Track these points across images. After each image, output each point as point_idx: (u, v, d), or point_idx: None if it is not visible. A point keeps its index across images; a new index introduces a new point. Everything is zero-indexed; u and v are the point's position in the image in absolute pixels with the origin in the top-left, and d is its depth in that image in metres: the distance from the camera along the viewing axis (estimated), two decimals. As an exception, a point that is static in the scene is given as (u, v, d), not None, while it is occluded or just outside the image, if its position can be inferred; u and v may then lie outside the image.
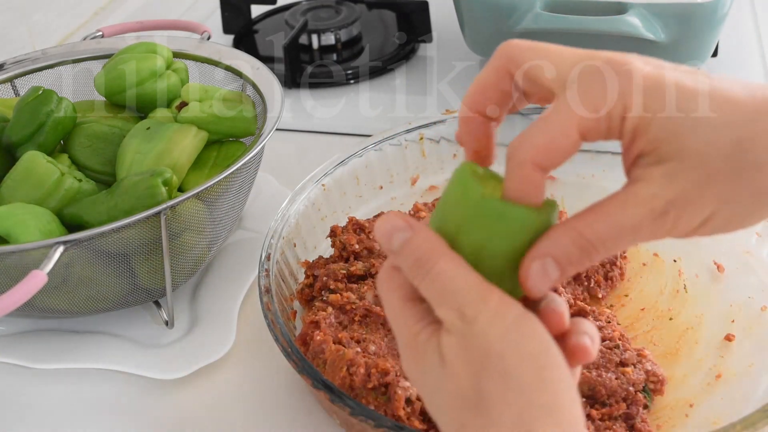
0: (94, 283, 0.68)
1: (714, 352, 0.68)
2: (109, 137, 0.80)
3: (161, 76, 0.82)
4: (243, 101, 0.80)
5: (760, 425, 0.56)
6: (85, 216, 0.70)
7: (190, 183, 0.76)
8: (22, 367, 0.73)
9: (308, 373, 0.61)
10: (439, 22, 1.16)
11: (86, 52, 0.89)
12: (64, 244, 0.62)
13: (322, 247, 0.79)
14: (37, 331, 0.75)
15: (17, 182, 0.73)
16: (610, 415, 0.60)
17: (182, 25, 0.94)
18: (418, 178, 0.87)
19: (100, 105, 0.85)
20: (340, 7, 1.18)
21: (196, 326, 0.74)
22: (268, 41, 1.18)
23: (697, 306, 0.72)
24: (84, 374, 0.72)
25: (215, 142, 0.80)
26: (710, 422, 0.62)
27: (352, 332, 0.67)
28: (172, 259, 0.69)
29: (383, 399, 0.60)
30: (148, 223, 0.66)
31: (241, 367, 0.72)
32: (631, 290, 0.75)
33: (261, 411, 0.68)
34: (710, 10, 0.85)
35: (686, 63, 0.89)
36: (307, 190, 0.79)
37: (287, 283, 0.73)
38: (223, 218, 0.74)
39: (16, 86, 0.87)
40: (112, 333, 0.75)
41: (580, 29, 0.86)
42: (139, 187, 0.68)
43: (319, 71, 1.09)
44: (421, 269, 0.43)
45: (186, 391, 0.70)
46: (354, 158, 0.83)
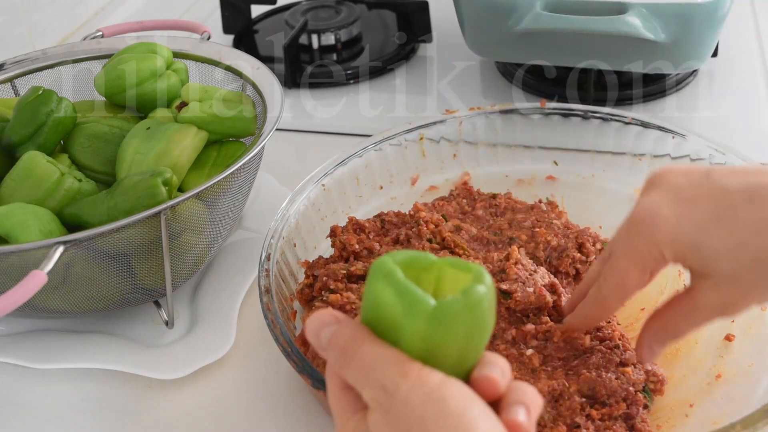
0: (94, 283, 0.68)
1: (714, 352, 0.68)
2: (109, 137, 0.80)
3: (161, 76, 0.82)
4: (243, 101, 0.80)
5: (760, 425, 0.56)
6: (85, 216, 0.70)
7: (190, 183, 0.76)
8: (22, 367, 0.73)
9: (308, 373, 0.61)
10: (439, 22, 1.16)
11: (86, 52, 0.89)
12: (64, 244, 0.62)
13: (322, 247, 0.79)
14: (37, 331, 0.75)
15: (17, 182, 0.73)
16: (610, 415, 0.60)
17: (182, 25, 0.94)
18: (418, 178, 0.87)
19: (100, 105, 0.85)
20: (340, 7, 1.18)
21: (196, 326, 0.74)
22: (268, 41, 1.18)
23: (697, 306, 0.72)
24: (84, 374, 0.72)
25: (215, 142, 0.80)
26: (710, 422, 0.62)
27: (352, 332, 0.67)
28: (172, 259, 0.69)
29: (383, 399, 0.60)
30: (148, 223, 0.66)
31: (241, 367, 0.72)
32: (631, 290, 0.75)
33: (261, 411, 0.68)
34: (710, 10, 0.85)
35: (686, 63, 0.89)
36: (307, 190, 0.79)
37: (287, 283, 0.73)
38: (223, 218, 0.74)
39: (16, 86, 0.87)
40: (112, 333, 0.75)
41: (580, 29, 0.86)
42: (139, 187, 0.68)
43: (319, 71, 1.09)
44: (344, 357, 0.44)
45: (186, 391, 0.70)
46: (354, 158, 0.83)
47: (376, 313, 0.43)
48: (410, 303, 0.42)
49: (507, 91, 1.04)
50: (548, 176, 0.87)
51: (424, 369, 0.42)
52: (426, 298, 0.41)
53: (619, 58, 0.90)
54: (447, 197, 0.82)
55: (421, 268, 0.44)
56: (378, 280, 0.43)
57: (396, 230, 0.76)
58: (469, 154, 0.88)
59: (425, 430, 0.40)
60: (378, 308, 0.43)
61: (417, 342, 0.42)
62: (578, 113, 0.86)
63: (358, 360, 0.43)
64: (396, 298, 0.42)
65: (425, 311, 0.41)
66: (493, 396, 0.43)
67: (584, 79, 0.98)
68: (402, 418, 0.41)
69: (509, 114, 0.88)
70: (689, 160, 0.81)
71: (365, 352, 0.43)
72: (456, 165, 0.88)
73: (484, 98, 1.03)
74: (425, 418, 0.40)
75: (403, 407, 0.41)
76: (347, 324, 0.44)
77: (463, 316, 0.42)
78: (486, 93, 1.04)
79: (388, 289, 0.42)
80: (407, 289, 0.42)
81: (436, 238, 0.74)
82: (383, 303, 0.42)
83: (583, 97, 0.97)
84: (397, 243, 0.75)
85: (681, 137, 0.81)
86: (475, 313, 0.42)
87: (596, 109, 0.86)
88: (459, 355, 0.43)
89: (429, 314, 0.41)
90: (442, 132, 0.87)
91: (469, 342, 0.43)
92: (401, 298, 0.42)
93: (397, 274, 0.42)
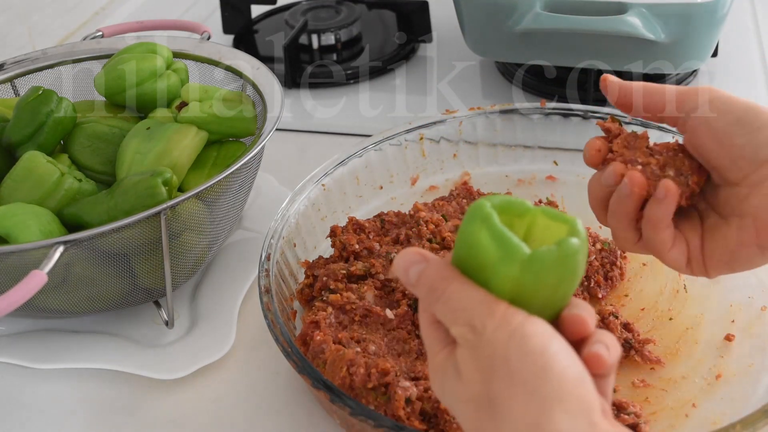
0: (94, 283, 0.68)
1: (714, 352, 0.68)
2: (109, 137, 0.80)
3: (161, 76, 0.82)
4: (243, 101, 0.80)
5: (760, 425, 0.56)
6: (85, 216, 0.70)
7: (190, 183, 0.76)
8: (22, 367, 0.73)
9: (308, 373, 0.61)
10: (439, 22, 1.16)
11: (86, 52, 0.89)
12: (64, 244, 0.62)
13: (322, 247, 0.79)
14: (37, 331, 0.75)
15: (17, 182, 0.73)
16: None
17: (182, 25, 0.94)
18: (418, 178, 0.87)
19: (100, 105, 0.85)
20: (340, 7, 1.18)
21: (196, 326, 0.74)
22: (268, 41, 1.18)
23: (697, 306, 0.72)
24: (84, 374, 0.72)
25: (215, 142, 0.80)
26: (710, 422, 0.62)
27: (352, 332, 0.67)
28: (172, 259, 0.69)
29: (383, 399, 0.60)
30: (148, 223, 0.66)
31: (241, 367, 0.72)
32: (631, 290, 0.75)
33: (261, 411, 0.68)
34: (710, 10, 0.85)
35: (686, 63, 0.89)
36: (307, 190, 0.79)
37: (287, 283, 0.73)
38: (223, 218, 0.74)
39: (16, 86, 0.87)
40: (112, 333, 0.75)
41: (580, 29, 0.86)
42: (139, 187, 0.68)
43: (319, 71, 1.09)
44: (434, 294, 0.46)
45: (186, 391, 0.70)
46: (354, 158, 0.83)
47: (468, 254, 0.45)
48: (506, 249, 0.43)
49: (507, 91, 1.04)
50: (548, 176, 0.87)
51: (510, 309, 0.44)
52: (521, 246, 0.43)
53: (619, 58, 0.90)
54: (447, 197, 0.82)
55: (516, 214, 0.46)
56: (475, 222, 0.44)
57: (396, 230, 0.76)
58: (469, 154, 0.88)
59: (509, 367, 0.42)
60: (471, 249, 0.44)
61: (507, 286, 0.44)
62: (578, 113, 0.86)
63: (446, 298, 0.45)
64: (491, 243, 0.44)
65: (520, 259, 0.43)
66: (580, 334, 0.45)
67: (584, 79, 0.98)
68: (487, 355, 0.43)
69: (509, 114, 0.88)
70: (689, 160, 0.81)
71: (453, 290, 0.45)
72: (456, 165, 0.88)
73: (484, 98, 1.03)
74: (508, 356, 0.42)
75: (488, 346, 0.43)
76: (434, 263, 0.47)
77: (556, 266, 0.43)
78: (486, 93, 1.04)
79: (484, 233, 0.44)
80: (503, 235, 0.43)
81: (436, 238, 0.74)
82: (477, 245, 0.44)
83: (583, 97, 0.97)
84: (397, 243, 0.75)
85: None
86: (568, 265, 0.44)
87: (596, 109, 0.86)
88: (546, 301, 0.44)
89: (523, 262, 0.43)
90: (442, 132, 0.87)
91: (557, 290, 0.44)
92: (497, 243, 0.43)
93: (493, 218, 0.44)
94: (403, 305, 0.69)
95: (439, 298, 0.46)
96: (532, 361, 0.42)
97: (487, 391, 0.43)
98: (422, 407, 0.60)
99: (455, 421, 0.59)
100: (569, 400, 0.41)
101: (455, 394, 0.45)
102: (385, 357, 0.64)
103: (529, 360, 0.42)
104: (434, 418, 0.60)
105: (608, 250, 0.74)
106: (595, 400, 0.42)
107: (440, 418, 0.60)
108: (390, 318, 0.68)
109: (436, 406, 0.60)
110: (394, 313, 0.68)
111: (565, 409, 0.41)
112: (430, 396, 0.60)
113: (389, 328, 0.68)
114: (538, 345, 0.42)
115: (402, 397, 0.59)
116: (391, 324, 0.68)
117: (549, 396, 0.41)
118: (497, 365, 0.43)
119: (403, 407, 0.59)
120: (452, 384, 0.45)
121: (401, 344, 0.67)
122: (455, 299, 0.45)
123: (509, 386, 0.42)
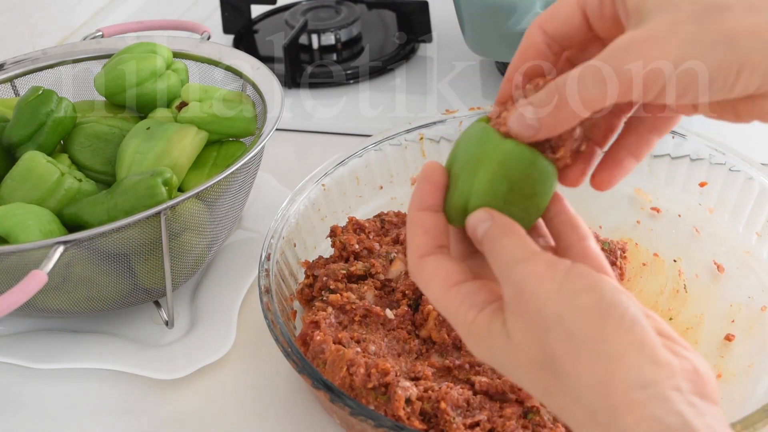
0: (94, 283, 0.69)
1: (714, 352, 0.68)
2: (109, 137, 0.80)
3: (161, 76, 0.82)
4: (243, 101, 0.80)
5: (760, 425, 0.56)
6: (85, 216, 0.70)
7: (190, 183, 0.76)
8: (22, 367, 0.73)
9: (308, 373, 0.61)
10: (439, 22, 1.16)
11: (86, 52, 0.89)
12: (64, 244, 0.62)
13: (322, 247, 0.79)
14: (37, 331, 0.75)
15: (17, 182, 0.73)
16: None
17: (182, 25, 0.94)
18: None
19: (100, 105, 0.85)
20: (340, 7, 1.18)
21: (196, 326, 0.74)
22: (268, 41, 1.18)
23: (697, 306, 0.72)
24: (84, 374, 0.72)
25: (215, 142, 0.80)
26: (710, 422, 0.62)
27: (352, 332, 0.67)
28: (172, 259, 0.69)
29: (383, 399, 0.60)
30: (148, 223, 0.66)
31: (241, 367, 0.72)
32: (631, 290, 0.74)
33: (261, 411, 0.68)
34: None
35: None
36: (307, 190, 0.79)
37: (287, 283, 0.73)
38: (223, 218, 0.74)
39: (16, 86, 0.87)
40: (112, 333, 0.75)
41: (580, 29, 0.86)
42: (139, 187, 0.68)
43: (319, 71, 1.09)
44: (490, 253, 0.45)
45: (186, 391, 0.70)
46: (354, 158, 0.83)
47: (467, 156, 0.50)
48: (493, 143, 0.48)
49: (507, 91, 1.03)
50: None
51: (553, 259, 0.43)
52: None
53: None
54: (447, 197, 0.82)
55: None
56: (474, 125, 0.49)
57: (396, 230, 0.76)
58: (469, 154, 0.88)
59: (564, 326, 0.41)
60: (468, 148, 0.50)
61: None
62: (578, 113, 0.86)
63: (496, 254, 0.45)
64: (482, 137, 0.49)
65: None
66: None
67: (584, 79, 0.98)
68: (536, 311, 0.42)
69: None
70: (689, 160, 0.81)
71: (505, 245, 0.45)
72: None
73: (484, 98, 1.03)
74: (562, 315, 0.42)
75: (534, 300, 0.42)
76: (498, 218, 0.46)
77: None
78: (486, 93, 1.04)
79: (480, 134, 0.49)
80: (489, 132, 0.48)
81: (436, 238, 0.74)
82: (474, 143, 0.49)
83: (583, 97, 0.97)
84: (397, 243, 0.75)
85: (681, 137, 0.81)
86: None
87: (596, 109, 0.86)
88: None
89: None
90: (442, 132, 0.87)
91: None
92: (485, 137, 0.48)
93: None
94: (403, 305, 0.69)
95: (493, 255, 0.45)
96: (589, 319, 0.41)
97: (547, 353, 0.42)
98: (422, 407, 0.60)
99: (455, 421, 0.59)
100: (640, 353, 0.40)
101: (509, 358, 0.44)
102: (385, 357, 0.64)
103: (586, 318, 0.41)
104: (434, 418, 0.60)
105: (608, 251, 0.74)
106: (653, 338, 0.41)
107: (440, 418, 0.60)
108: (390, 318, 0.68)
109: (436, 406, 0.60)
110: (394, 313, 0.68)
111: (632, 363, 0.40)
112: (430, 396, 0.60)
113: (389, 328, 0.68)
114: (591, 301, 0.41)
115: (402, 397, 0.59)
116: (391, 324, 0.68)
117: (610, 353, 0.40)
118: (551, 325, 0.42)
119: (403, 407, 0.59)
120: (503, 348, 0.44)
121: (401, 344, 0.67)
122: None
123: (568, 346, 0.41)
